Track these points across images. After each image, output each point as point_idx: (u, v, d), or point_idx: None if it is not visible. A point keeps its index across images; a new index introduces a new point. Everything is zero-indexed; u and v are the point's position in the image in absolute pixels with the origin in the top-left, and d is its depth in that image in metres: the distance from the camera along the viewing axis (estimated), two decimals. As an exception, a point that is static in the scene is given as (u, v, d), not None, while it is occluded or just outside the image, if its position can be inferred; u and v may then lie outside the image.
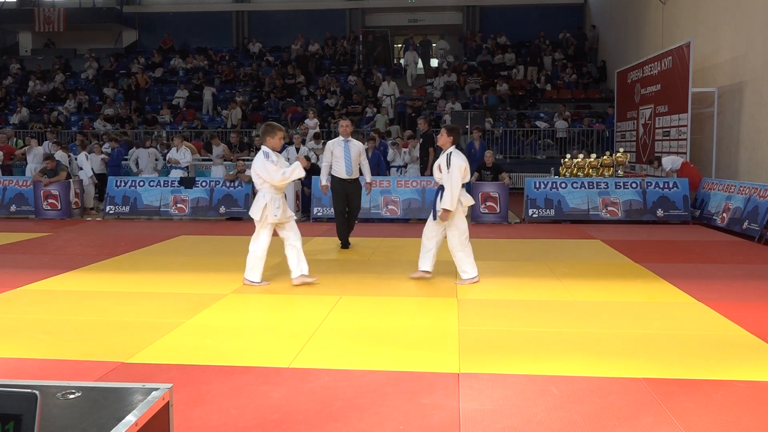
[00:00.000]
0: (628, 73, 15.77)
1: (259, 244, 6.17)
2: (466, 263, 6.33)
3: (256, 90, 21.38)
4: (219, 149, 13.57)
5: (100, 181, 13.67)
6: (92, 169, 13.36)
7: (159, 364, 4.06)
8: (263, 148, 6.17)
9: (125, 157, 14.39)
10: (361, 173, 8.26)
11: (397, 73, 21.76)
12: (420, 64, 22.47)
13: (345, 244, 8.44)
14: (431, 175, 12.46)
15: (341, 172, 8.10)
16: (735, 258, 7.79)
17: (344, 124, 8.20)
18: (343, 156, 8.04)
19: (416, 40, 23.01)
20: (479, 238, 9.42)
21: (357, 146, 8.16)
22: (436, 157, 6.98)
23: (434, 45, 23.19)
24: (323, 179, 8.37)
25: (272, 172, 5.96)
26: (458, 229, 6.24)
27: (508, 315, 5.23)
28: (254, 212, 6.17)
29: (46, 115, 20.41)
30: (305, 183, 11.67)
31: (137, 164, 13.46)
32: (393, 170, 12.99)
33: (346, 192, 8.22)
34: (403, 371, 3.91)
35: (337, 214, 8.40)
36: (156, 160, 13.56)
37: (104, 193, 12.72)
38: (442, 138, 6.35)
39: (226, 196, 11.86)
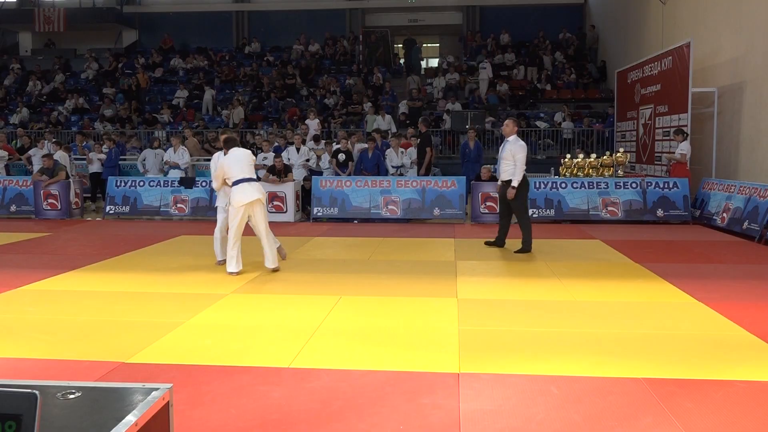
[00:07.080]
0: (628, 73, 15.76)
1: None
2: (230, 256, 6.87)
3: (256, 90, 21.37)
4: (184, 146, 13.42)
5: (98, 180, 13.68)
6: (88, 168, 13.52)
7: (159, 364, 4.06)
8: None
9: (122, 157, 14.41)
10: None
11: (397, 73, 21.78)
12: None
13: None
14: (426, 174, 12.53)
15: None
16: (735, 258, 7.78)
17: (508, 123, 8.27)
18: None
19: (400, 40, 23.06)
20: (479, 238, 9.42)
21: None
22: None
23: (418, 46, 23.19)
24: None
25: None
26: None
27: (508, 315, 5.23)
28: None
29: (45, 115, 20.40)
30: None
31: (144, 165, 13.50)
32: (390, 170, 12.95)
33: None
34: (403, 371, 3.91)
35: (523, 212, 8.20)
36: (162, 160, 13.59)
37: (103, 192, 12.72)
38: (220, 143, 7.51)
39: (226, 196, 11.83)
